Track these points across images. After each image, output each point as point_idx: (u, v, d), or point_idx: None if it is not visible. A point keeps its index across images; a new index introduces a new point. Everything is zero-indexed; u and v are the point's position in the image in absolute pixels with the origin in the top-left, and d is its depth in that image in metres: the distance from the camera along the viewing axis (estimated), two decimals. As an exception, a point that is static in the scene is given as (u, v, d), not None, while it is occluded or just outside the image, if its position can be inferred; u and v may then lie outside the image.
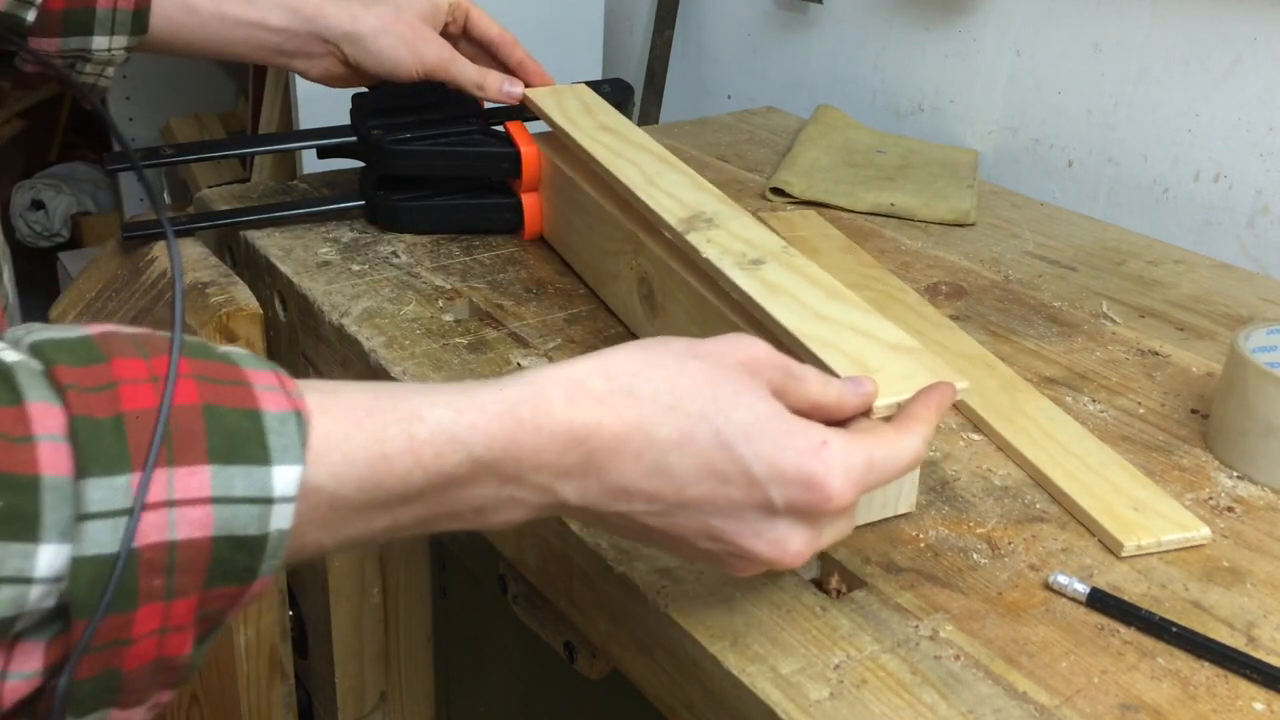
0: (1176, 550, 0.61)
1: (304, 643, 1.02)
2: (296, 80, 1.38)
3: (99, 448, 0.35)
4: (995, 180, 1.19)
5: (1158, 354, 0.81)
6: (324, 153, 0.97)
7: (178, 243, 0.92)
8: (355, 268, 0.87)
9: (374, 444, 0.41)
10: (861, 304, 0.63)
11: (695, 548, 0.48)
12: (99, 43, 0.83)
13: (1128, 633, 0.55)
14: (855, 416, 0.52)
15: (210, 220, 0.93)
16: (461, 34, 0.97)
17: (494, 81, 0.94)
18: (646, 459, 0.45)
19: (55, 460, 0.34)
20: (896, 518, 0.62)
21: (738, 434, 0.46)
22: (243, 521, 0.37)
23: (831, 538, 0.49)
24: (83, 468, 0.35)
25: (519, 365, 0.75)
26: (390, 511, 0.42)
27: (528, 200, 0.93)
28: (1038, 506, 0.64)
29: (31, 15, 0.79)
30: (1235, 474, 0.68)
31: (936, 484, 0.65)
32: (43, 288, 2.29)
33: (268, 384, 0.39)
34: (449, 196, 0.94)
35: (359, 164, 0.98)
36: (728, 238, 0.70)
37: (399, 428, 0.41)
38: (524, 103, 0.94)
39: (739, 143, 1.22)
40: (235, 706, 0.96)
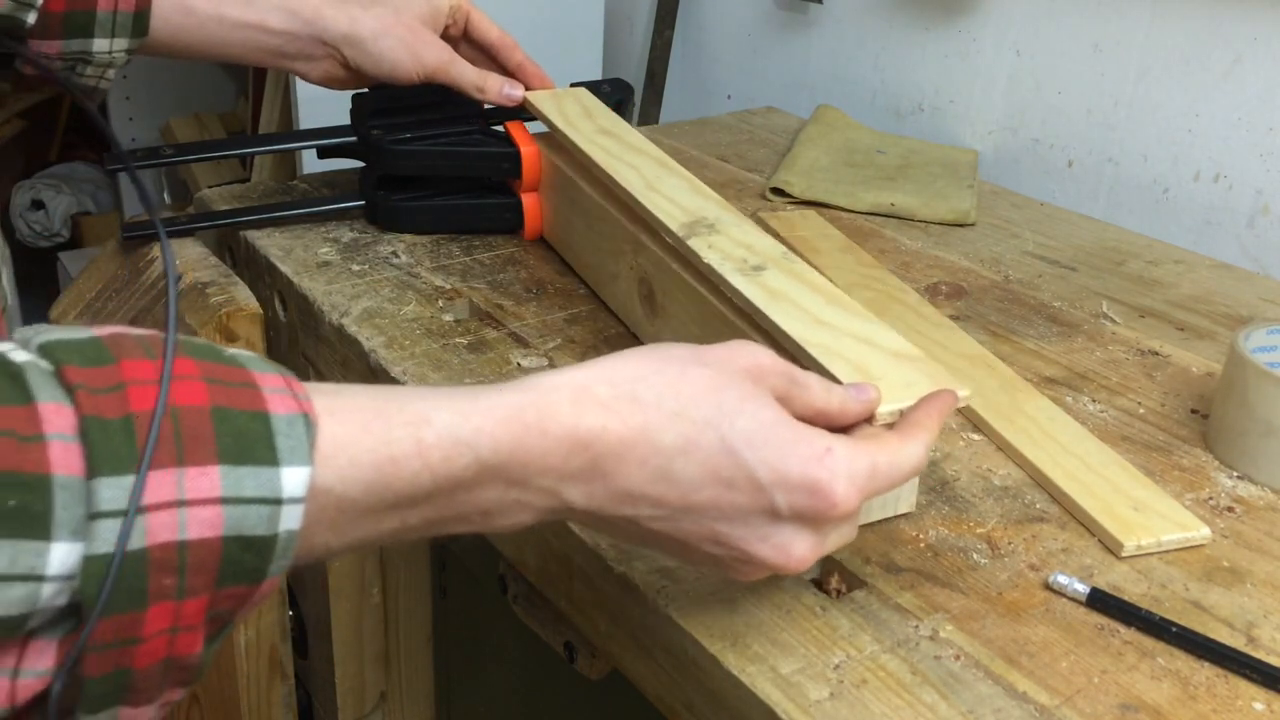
0: (1176, 550, 0.61)
1: (304, 643, 1.02)
2: (296, 80, 1.38)
3: (109, 447, 0.35)
4: (995, 180, 1.19)
5: (1158, 354, 0.81)
6: (324, 153, 0.97)
7: (178, 243, 0.92)
8: (355, 268, 0.87)
9: (381, 447, 0.41)
10: (863, 311, 0.63)
11: (700, 552, 0.48)
12: (99, 45, 0.83)
13: (1128, 633, 0.55)
14: (858, 423, 0.52)
15: (210, 220, 0.93)
16: (462, 36, 0.97)
17: (494, 84, 0.94)
18: (651, 464, 0.46)
19: (67, 459, 0.35)
20: (896, 518, 0.62)
21: (742, 440, 0.46)
22: (252, 522, 0.37)
23: (836, 543, 0.49)
24: (93, 467, 0.35)
25: (519, 365, 0.75)
26: (398, 514, 0.43)
27: (528, 200, 0.93)
28: (1038, 506, 0.64)
29: (32, 18, 0.79)
30: (1235, 474, 0.68)
31: (936, 484, 0.65)
32: (43, 288, 2.29)
33: (275, 387, 0.39)
34: (449, 196, 0.94)
35: (359, 164, 0.98)
36: (729, 243, 0.70)
37: (406, 431, 0.42)
38: (524, 105, 0.95)
39: (739, 143, 1.22)
40: (235, 706, 0.96)
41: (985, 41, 1.23)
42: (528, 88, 0.96)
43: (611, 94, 0.98)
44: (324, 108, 1.29)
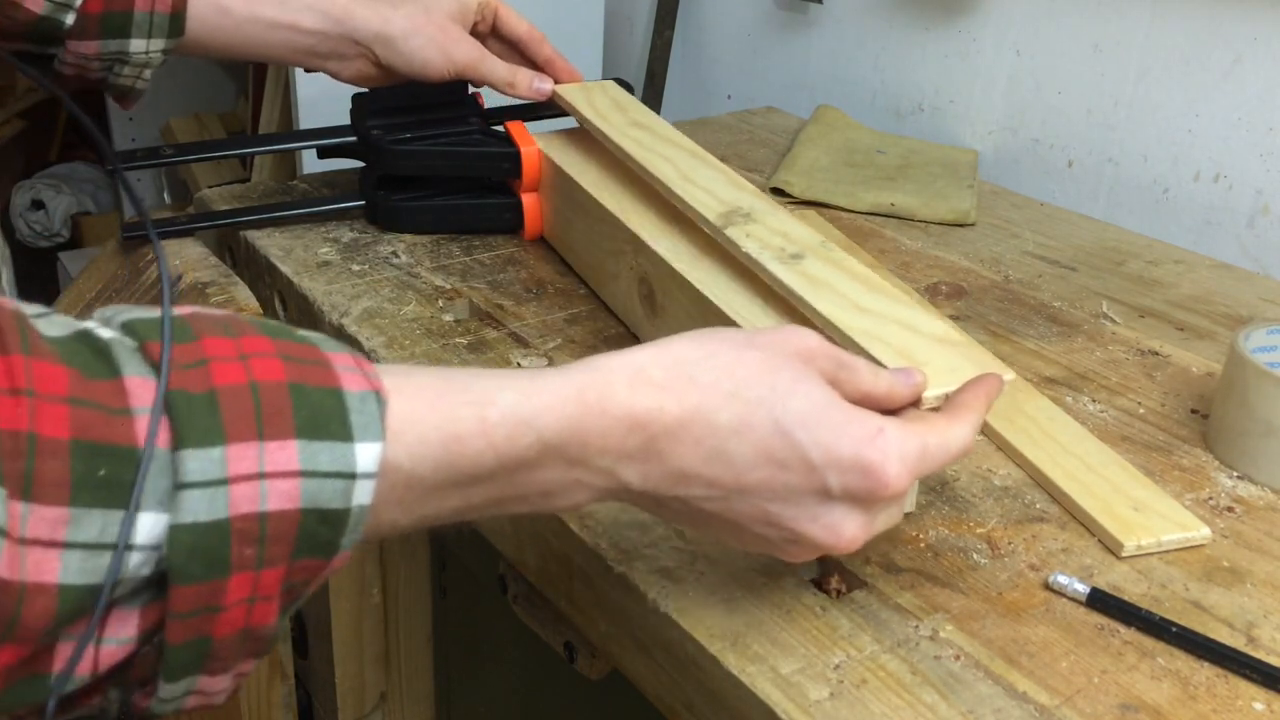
0: (1176, 550, 0.61)
1: (304, 643, 1.02)
2: (297, 80, 1.38)
3: (194, 420, 0.36)
4: (995, 180, 1.19)
5: (1158, 354, 0.81)
6: (324, 153, 0.97)
7: (178, 243, 0.92)
8: (355, 268, 0.87)
9: (447, 424, 0.42)
10: (903, 297, 0.64)
11: (751, 533, 0.49)
12: (136, 45, 0.83)
13: (1128, 633, 0.55)
14: (904, 407, 0.53)
15: (210, 220, 0.93)
16: (490, 32, 0.98)
17: (524, 79, 0.94)
18: (706, 444, 0.46)
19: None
20: (896, 518, 0.62)
21: (795, 421, 0.47)
22: (328, 495, 0.38)
23: (884, 524, 0.50)
24: (180, 439, 0.36)
25: (519, 365, 0.75)
26: (462, 492, 0.43)
27: (528, 200, 0.93)
28: (1038, 506, 0.64)
29: (70, 19, 0.80)
30: (1235, 474, 0.68)
31: (936, 484, 0.65)
32: (43, 288, 2.29)
33: (346, 365, 0.40)
34: (449, 196, 0.94)
35: (359, 164, 0.98)
36: (766, 232, 0.70)
37: (470, 410, 0.43)
38: (554, 99, 0.95)
39: (739, 143, 1.22)
40: (235, 706, 0.96)
41: (985, 41, 1.23)
42: (557, 81, 0.96)
43: (612, 94, 0.98)
44: (324, 108, 1.29)
